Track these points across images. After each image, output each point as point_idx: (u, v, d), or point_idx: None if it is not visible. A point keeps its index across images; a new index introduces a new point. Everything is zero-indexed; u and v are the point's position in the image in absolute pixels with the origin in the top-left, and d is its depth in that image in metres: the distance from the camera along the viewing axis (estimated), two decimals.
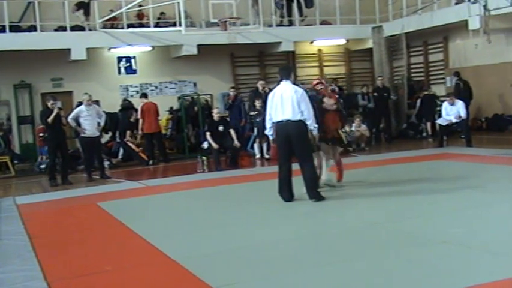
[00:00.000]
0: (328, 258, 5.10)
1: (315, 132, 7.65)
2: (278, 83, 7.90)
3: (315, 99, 8.26)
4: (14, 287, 4.84)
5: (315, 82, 9.05)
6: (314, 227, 6.46)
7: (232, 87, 15.36)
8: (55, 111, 10.98)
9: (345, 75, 18.44)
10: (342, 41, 17.80)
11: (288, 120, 7.44)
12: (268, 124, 7.73)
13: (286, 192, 7.58)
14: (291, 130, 7.46)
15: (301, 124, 7.45)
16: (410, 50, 17.37)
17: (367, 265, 4.82)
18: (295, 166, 7.65)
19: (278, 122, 7.53)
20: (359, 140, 13.93)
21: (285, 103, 7.47)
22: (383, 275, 4.56)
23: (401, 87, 16.74)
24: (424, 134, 15.45)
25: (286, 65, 8.17)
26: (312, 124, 7.50)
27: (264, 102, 13.50)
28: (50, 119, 10.96)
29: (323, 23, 17.35)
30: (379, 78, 15.90)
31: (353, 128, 13.89)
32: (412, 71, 17.54)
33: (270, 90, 14.28)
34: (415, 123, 15.99)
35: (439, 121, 13.13)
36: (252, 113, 13.54)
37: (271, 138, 7.90)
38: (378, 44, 16.94)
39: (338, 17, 16.99)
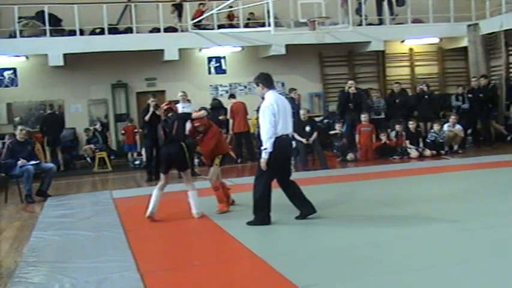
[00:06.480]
0: (421, 263, 4.98)
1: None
2: (264, 92, 6.84)
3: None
4: (110, 276, 5.10)
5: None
6: (405, 231, 6.30)
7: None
8: (151, 109, 11.30)
9: (437, 76, 17.87)
10: (435, 40, 17.27)
11: (288, 136, 6.68)
12: (269, 135, 6.40)
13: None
14: (289, 147, 6.80)
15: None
16: (509, 48, 16.55)
17: (467, 271, 4.68)
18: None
19: (281, 136, 6.50)
20: (452, 141, 13.45)
21: (287, 115, 6.62)
22: (479, 282, 4.40)
23: (498, 87, 15.99)
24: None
25: (266, 72, 7.21)
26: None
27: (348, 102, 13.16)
28: (146, 117, 11.33)
29: (415, 21, 16.89)
30: (474, 79, 15.26)
31: (446, 128, 13.44)
32: None
33: (357, 90, 14.07)
34: None
35: None
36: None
37: (266, 155, 6.41)
38: (474, 42, 16.28)
39: (431, 15, 16.50)
